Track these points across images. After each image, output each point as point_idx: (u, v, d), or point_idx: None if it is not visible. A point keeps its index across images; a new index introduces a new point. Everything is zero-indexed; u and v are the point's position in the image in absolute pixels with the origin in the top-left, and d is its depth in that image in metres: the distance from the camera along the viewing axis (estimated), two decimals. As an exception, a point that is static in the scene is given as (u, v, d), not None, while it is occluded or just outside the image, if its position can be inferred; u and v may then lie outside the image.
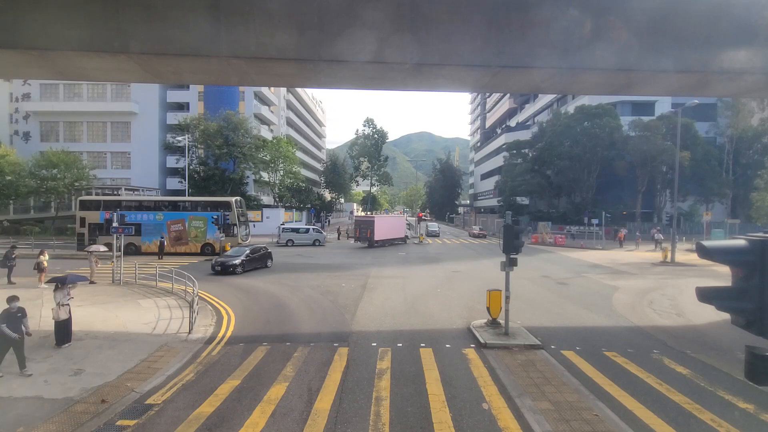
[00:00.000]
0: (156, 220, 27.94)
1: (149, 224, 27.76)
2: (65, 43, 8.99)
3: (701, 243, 3.71)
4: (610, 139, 43.36)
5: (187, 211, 28.77)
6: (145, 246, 27.79)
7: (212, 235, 27.84)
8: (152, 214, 28.16)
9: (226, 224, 27.60)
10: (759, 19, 9.80)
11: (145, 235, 27.73)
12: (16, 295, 8.30)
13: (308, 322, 12.33)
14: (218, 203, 29.31)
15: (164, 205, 29.66)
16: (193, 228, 28.09)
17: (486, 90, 15.83)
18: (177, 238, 28.01)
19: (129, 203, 29.95)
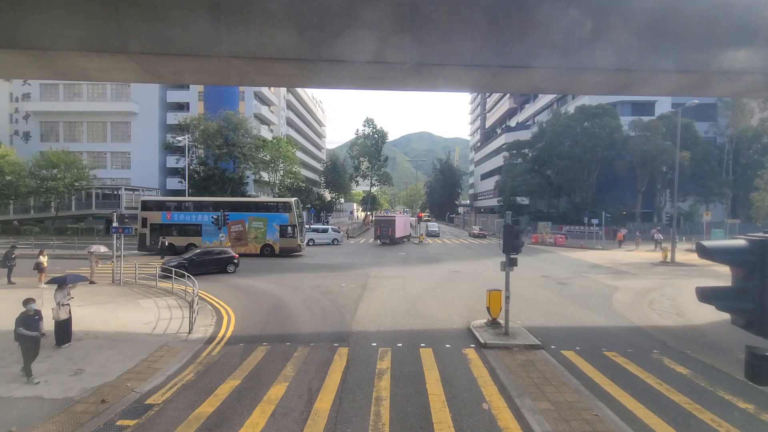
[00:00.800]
0: (210, 222, 27.55)
1: (210, 225, 27.39)
2: (65, 43, 8.98)
3: (701, 243, 3.71)
4: (610, 139, 43.36)
5: (247, 211, 28.49)
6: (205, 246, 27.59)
7: (272, 236, 27.65)
8: (213, 215, 27.59)
9: (285, 226, 27.61)
10: (759, 19, 9.80)
11: (206, 235, 27.63)
12: (33, 298, 8.29)
13: (308, 322, 12.34)
14: (278, 204, 29.31)
15: (225, 205, 29.11)
16: (253, 229, 27.82)
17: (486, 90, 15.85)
18: (237, 239, 27.68)
19: (189, 204, 30.04)
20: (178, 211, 28.59)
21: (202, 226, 27.79)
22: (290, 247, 27.78)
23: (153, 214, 28.27)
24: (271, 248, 27.68)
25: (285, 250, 27.68)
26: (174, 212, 28.38)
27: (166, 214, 28.25)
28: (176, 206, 29.34)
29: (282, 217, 27.78)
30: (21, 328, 7.70)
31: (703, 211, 37.28)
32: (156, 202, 30.75)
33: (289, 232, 27.69)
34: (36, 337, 7.86)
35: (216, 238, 27.14)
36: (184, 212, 28.58)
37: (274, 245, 27.63)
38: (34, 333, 7.81)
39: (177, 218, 28.21)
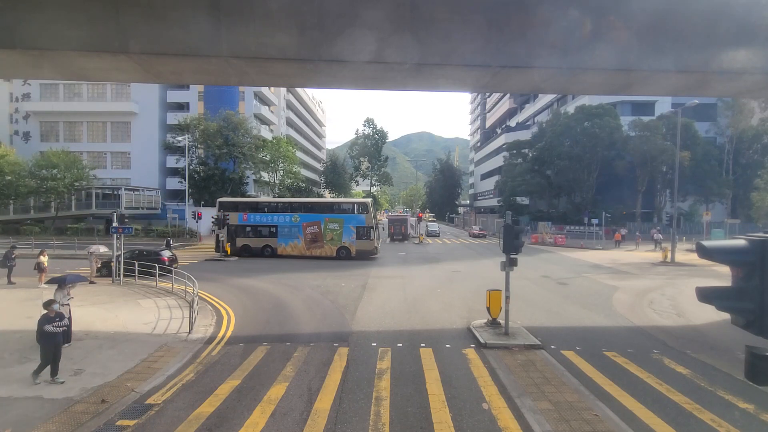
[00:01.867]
0: (292, 221, 27.08)
1: (285, 226, 27.03)
2: (65, 43, 8.99)
3: (701, 243, 3.71)
4: (610, 139, 43.35)
5: (322, 212, 27.59)
6: (281, 248, 27.13)
7: (348, 238, 26.48)
8: (288, 215, 27.32)
9: (362, 227, 26.45)
10: (759, 19, 9.80)
11: (281, 237, 27.08)
12: (53, 299, 8.27)
13: (308, 322, 12.34)
14: (355, 204, 28.33)
15: (300, 206, 28.70)
16: (329, 230, 26.72)
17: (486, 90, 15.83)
18: (312, 241, 26.87)
19: (265, 205, 29.54)
20: (254, 212, 28.03)
21: (277, 228, 27.15)
22: (367, 250, 26.45)
23: (232, 215, 27.76)
24: (347, 251, 26.50)
25: (361, 252, 26.37)
26: (250, 213, 27.86)
27: (242, 215, 27.75)
28: (252, 207, 28.83)
29: (358, 218, 26.59)
30: (47, 326, 7.63)
31: (703, 211, 37.28)
32: (232, 203, 29.90)
33: (366, 234, 26.37)
34: (59, 334, 7.81)
35: (292, 240, 26.77)
36: (260, 213, 27.96)
37: (350, 248, 26.43)
38: (60, 329, 7.78)
39: (253, 219, 27.64)
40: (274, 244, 26.98)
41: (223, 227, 27.25)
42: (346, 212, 27.45)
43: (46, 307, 7.93)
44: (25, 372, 8.17)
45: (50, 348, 7.70)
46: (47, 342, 7.68)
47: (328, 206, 29.14)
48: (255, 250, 27.14)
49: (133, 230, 21.21)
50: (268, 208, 28.70)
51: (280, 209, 28.30)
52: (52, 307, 7.93)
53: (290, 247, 26.94)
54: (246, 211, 28.04)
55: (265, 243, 27.04)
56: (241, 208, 28.47)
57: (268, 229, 27.28)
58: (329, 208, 28.66)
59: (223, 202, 29.38)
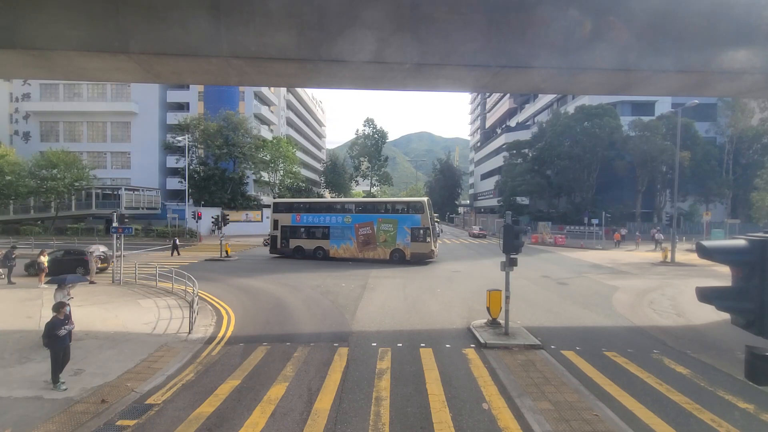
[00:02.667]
0: (344, 222, 25.96)
1: (337, 227, 26.03)
2: (65, 43, 8.98)
3: (701, 243, 3.70)
4: (610, 139, 43.35)
5: (376, 212, 26.19)
6: (333, 250, 26.15)
7: (402, 239, 24.83)
8: (340, 216, 26.29)
9: (418, 228, 24.68)
10: (759, 19, 9.80)
11: (334, 238, 26.06)
12: (64, 302, 8.21)
13: (308, 322, 12.34)
14: (410, 204, 26.45)
15: (352, 206, 27.70)
16: (382, 231, 25.17)
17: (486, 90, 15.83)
18: (365, 243, 25.47)
19: (317, 205, 29.03)
20: (306, 213, 27.36)
21: (329, 229, 26.20)
22: (422, 253, 24.48)
23: (283, 216, 27.43)
24: (401, 254, 24.85)
25: (417, 256, 24.56)
26: (303, 214, 27.29)
27: (295, 216, 27.26)
28: (305, 208, 28.18)
29: (414, 218, 24.78)
30: (60, 329, 7.52)
31: (703, 211, 37.28)
32: (286, 203, 29.69)
33: (422, 236, 24.45)
34: (67, 336, 7.71)
35: (344, 242, 25.74)
36: (313, 214, 27.24)
37: (404, 250, 24.77)
38: (68, 329, 7.69)
39: (305, 220, 26.99)
40: (327, 246, 26.11)
41: (277, 228, 27.19)
42: (401, 212, 25.90)
43: (56, 311, 7.83)
44: (25, 372, 8.19)
45: (60, 351, 7.63)
46: (58, 345, 7.58)
47: (382, 206, 27.52)
48: (307, 251, 26.50)
49: (133, 230, 21.20)
50: (321, 208, 28.12)
51: (333, 210, 27.44)
52: (63, 310, 7.82)
53: (342, 249, 25.87)
54: (299, 211, 27.52)
55: (318, 245, 26.24)
56: (295, 208, 28.03)
57: (320, 231, 26.44)
58: (382, 208, 27.08)
59: (278, 203, 29.49)
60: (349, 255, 25.72)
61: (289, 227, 27.07)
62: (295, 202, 30.68)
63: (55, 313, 7.82)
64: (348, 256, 25.72)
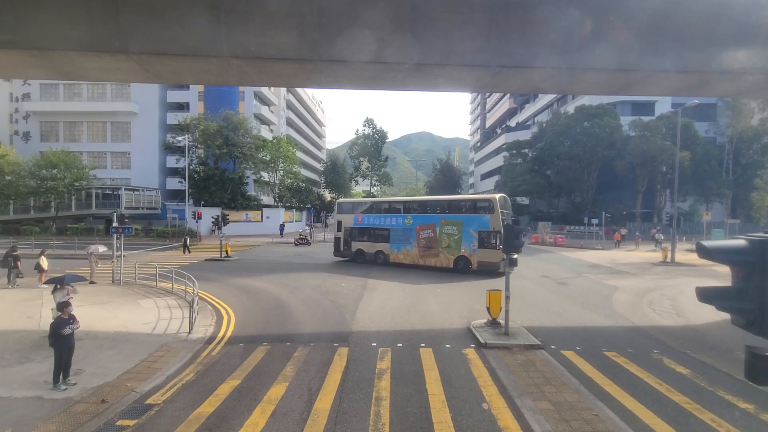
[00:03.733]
0: (405, 224, 23.27)
1: (398, 229, 23.43)
2: (65, 43, 8.99)
3: (701, 243, 3.70)
4: (610, 139, 43.37)
5: (438, 213, 22.95)
6: (393, 255, 23.56)
7: (468, 245, 21.00)
8: (401, 217, 23.62)
9: (486, 232, 20.45)
10: (759, 19, 9.79)
11: (394, 242, 23.57)
12: (67, 302, 8.23)
13: (308, 322, 12.33)
14: (477, 203, 22.69)
15: (414, 206, 24.52)
16: (445, 235, 21.78)
17: (486, 90, 15.81)
18: (426, 247, 22.43)
19: (378, 205, 26.60)
20: (367, 213, 25.43)
21: (390, 231, 23.78)
22: (492, 262, 20.01)
23: (346, 217, 25.93)
24: (466, 262, 21.07)
25: (485, 265, 20.33)
26: (364, 215, 25.40)
27: (357, 216, 25.53)
28: (367, 208, 26.27)
29: (482, 220, 20.74)
30: (65, 329, 7.54)
31: (703, 211, 37.28)
32: (348, 203, 28.56)
33: (491, 241, 20.14)
34: (71, 336, 7.72)
35: (405, 246, 23.12)
36: (373, 214, 25.17)
37: (470, 258, 20.91)
38: (73, 328, 7.71)
39: (366, 221, 25.06)
40: (387, 250, 23.82)
41: (341, 230, 25.86)
42: (467, 212, 22.18)
43: (60, 310, 7.88)
44: (25, 372, 8.19)
45: (65, 351, 7.64)
46: (63, 344, 7.60)
47: (445, 205, 24.02)
48: (368, 255, 24.49)
49: (132, 230, 21.18)
50: (381, 208, 25.80)
51: (393, 209, 24.93)
52: (67, 310, 7.85)
53: (403, 254, 23.27)
54: (360, 211, 25.86)
55: (378, 248, 24.10)
56: (356, 208, 26.61)
57: (381, 233, 24.26)
58: (446, 207, 23.62)
59: (341, 203, 28.18)
60: (410, 261, 23.02)
61: (351, 229, 25.53)
62: (357, 202, 29.35)
63: (59, 312, 7.85)
64: (408, 262, 23.04)
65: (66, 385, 7.56)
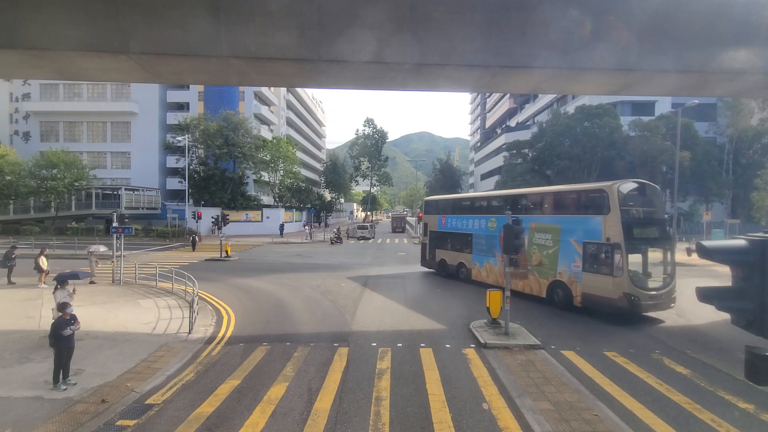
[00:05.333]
0: (488, 229, 17.11)
1: (480, 236, 17.55)
2: (65, 43, 8.98)
3: (701, 243, 3.71)
4: (610, 139, 43.36)
5: (530, 212, 15.59)
6: (475, 270, 17.79)
7: (568, 264, 13.46)
8: (484, 219, 17.52)
9: (597, 246, 12.64)
10: (759, 19, 9.79)
11: (477, 252, 17.75)
12: (67, 302, 8.24)
13: (308, 322, 12.33)
14: (581, 195, 14.32)
15: (500, 203, 17.84)
16: (536, 247, 14.63)
17: (486, 90, 15.78)
18: (512, 263, 13.65)
19: (462, 203, 21.21)
20: (450, 215, 20.15)
21: (472, 238, 18.04)
22: (604, 297, 12.44)
23: (431, 219, 21.13)
24: (565, 290, 13.61)
25: (594, 301, 12.82)
26: (448, 216, 20.13)
27: (441, 218, 20.53)
28: (450, 207, 20.94)
29: (588, 224, 13.02)
30: (65, 329, 7.55)
31: (703, 211, 37.26)
32: (435, 202, 22.86)
33: (604, 261, 12.48)
34: (71, 336, 7.72)
35: (488, 259, 17.01)
36: (455, 215, 19.79)
37: (570, 285, 13.45)
38: (74, 329, 7.72)
39: (450, 224, 19.87)
40: (469, 263, 18.25)
41: (427, 234, 21.50)
42: (567, 211, 14.33)
43: (60, 311, 7.89)
44: (25, 372, 8.18)
45: (65, 351, 7.64)
46: (63, 345, 7.60)
47: (538, 200, 16.00)
48: (451, 268, 19.46)
49: (133, 230, 21.16)
50: (464, 207, 20.25)
51: (476, 208, 19.38)
52: (67, 311, 7.85)
53: (485, 269, 17.21)
54: (445, 212, 20.66)
55: (460, 260, 18.82)
56: (442, 208, 21.42)
57: (463, 240, 18.79)
58: (539, 203, 15.78)
59: (428, 201, 23.13)
60: (493, 280, 16.47)
61: (435, 234, 20.88)
62: (443, 200, 23.34)
63: (60, 313, 7.86)
64: (491, 282, 16.37)
65: (66, 385, 7.55)
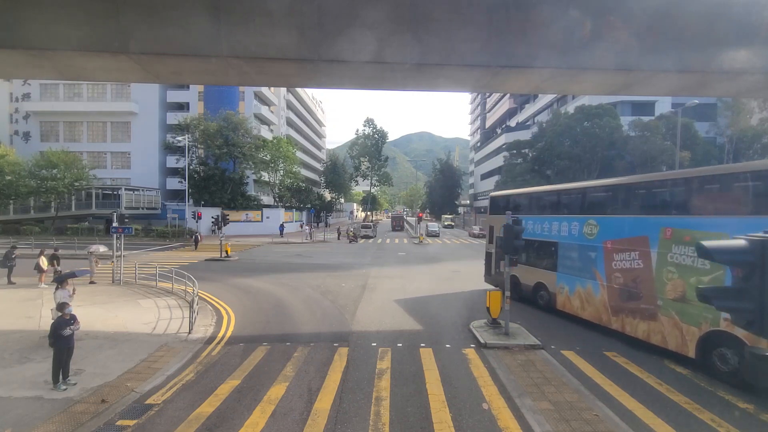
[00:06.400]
0: (582, 236, 12.01)
1: (570, 247, 12.50)
2: (65, 43, 8.98)
3: (701, 243, 3.70)
4: (610, 139, 43.36)
5: (664, 211, 10.25)
6: (561, 296, 12.66)
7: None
8: (576, 221, 12.31)
9: None
10: (759, 19, 9.79)
11: (564, 270, 12.67)
12: (67, 302, 8.24)
13: (308, 322, 12.34)
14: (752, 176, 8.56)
15: (602, 195, 12.42)
16: (672, 269, 9.14)
17: (486, 90, 15.76)
18: (627, 295, 10.48)
19: (540, 198, 14.97)
20: (528, 215, 14.20)
21: (557, 249, 12.86)
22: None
23: (499, 221, 13.47)
24: (735, 349, 7.57)
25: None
26: (522, 217, 12.73)
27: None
28: (529, 203, 15.20)
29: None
30: (65, 329, 7.55)
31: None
32: (507, 197, 16.83)
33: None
34: (71, 336, 7.72)
35: (583, 281, 11.87)
36: (535, 216, 14.08)
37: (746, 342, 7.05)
38: (74, 329, 7.72)
39: (525, 228, 12.20)
40: (551, 284, 13.05)
41: (493, 240, 16.14)
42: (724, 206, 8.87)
43: (60, 311, 7.89)
44: (25, 372, 8.18)
45: (65, 351, 7.64)
46: (63, 345, 7.60)
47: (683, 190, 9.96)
48: (525, 288, 14.32)
49: (133, 230, 21.15)
50: (545, 202, 14.47)
51: (563, 204, 13.47)
52: (66, 311, 7.86)
53: (578, 296, 12.02)
54: (519, 211, 14.76)
55: (539, 279, 13.66)
56: (514, 205, 15.61)
57: (543, 250, 13.54)
58: (679, 195, 10.05)
59: (496, 197, 17.18)
60: (592, 315, 11.54)
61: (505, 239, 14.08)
62: (516, 195, 16.77)
63: (59, 313, 7.86)
64: (589, 317, 11.65)
65: (66, 385, 7.55)
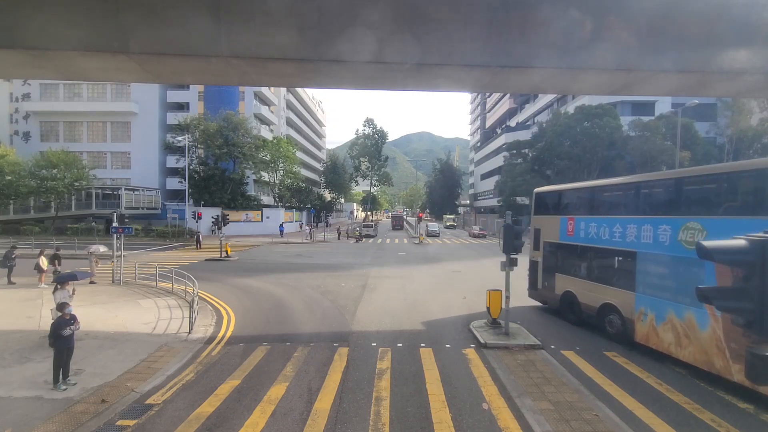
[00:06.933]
0: (678, 245, 8.66)
1: (655, 259, 9.30)
2: (65, 43, 8.98)
3: (701, 243, 3.70)
4: (610, 139, 43.36)
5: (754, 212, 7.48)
6: (642, 325, 9.63)
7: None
8: (666, 223, 9.09)
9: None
10: (759, 19, 9.79)
11: (647, 288, 9.54)
12: (66, 302, 8.25)
13: (308, 322, 12.33)
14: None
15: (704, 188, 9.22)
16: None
17: (486, 90, 15.75)
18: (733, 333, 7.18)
19: (606, 191, 12.13)
20: (590, 215, 11.77)
21: (635, 260, 9.85)
22: None
23: (548, 223, 13.02)
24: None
25: None
26: (581, 218, 11.88)
27: (566, 221, 12.41)
28: (590, 200, 12.26)
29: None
30: (65, 329, 7.55)
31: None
32: (559, 193, 14.15)
33: None
34: (71, 336, 7.72)
35: (679, 309, 8.57)
36: (601, 217, 11.33)
37: None
38: (74, 329, 7.72)
39: (586, 232, 11.54)
40: (627, 307, 10.09)
41: (539, 247, 13.68)
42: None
43: (60, 311, 7.91)
44: (25, 372, 8.18)
45: (65, 351, 7.65)
46: (63, 345, 7.60)
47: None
48: (585, 309, 11.56)
49: (133, 230, 21.14)
50: (620, 201, 11.50)
51: (643, 201, 10.53)
52: (66, 311, 7.86)
53: (672, 327, 8.81)
54: (577, 211, 12.41)
55: (608, 299, 10.72)
56: (568, 203, 13.15)
57: (612, 262, 10.75)
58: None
59: (543, 193, 14.59)
60: (697, 357, 8.32)
61: (555, 248, 12.96)
62: (571, 190, 13.67)
63: (59, 313, 7.86)
64: (691, 360, 8.45)
65: (66, 385, 7.55)
